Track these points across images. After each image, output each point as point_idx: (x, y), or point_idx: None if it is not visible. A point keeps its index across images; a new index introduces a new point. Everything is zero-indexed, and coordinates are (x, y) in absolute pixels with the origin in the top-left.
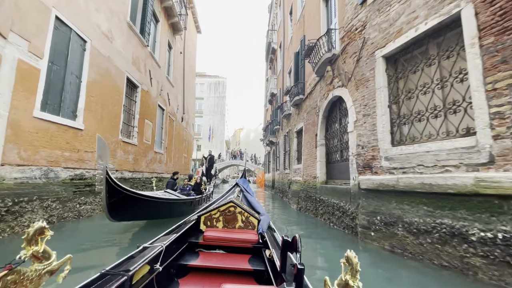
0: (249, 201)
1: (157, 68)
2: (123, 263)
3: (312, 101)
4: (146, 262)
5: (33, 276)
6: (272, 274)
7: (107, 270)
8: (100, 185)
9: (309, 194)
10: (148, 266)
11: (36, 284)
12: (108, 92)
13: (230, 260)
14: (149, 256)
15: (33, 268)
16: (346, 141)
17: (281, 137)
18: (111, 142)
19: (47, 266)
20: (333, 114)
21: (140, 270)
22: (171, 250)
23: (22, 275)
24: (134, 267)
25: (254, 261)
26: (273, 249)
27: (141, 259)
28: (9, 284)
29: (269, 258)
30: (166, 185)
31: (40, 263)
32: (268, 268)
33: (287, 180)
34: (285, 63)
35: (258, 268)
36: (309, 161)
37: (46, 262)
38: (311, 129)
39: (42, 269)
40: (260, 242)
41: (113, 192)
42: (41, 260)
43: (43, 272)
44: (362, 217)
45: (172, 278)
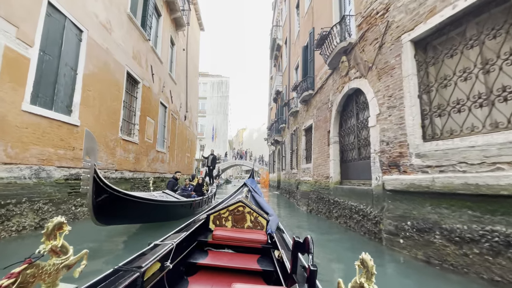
0: (258, 202)
1: (159, 64)
2: (135, 259)
3: (323, 96)
4: (157, 259)
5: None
6: (281, 275)
7: (120, 266)
8: (86, 184)
9: (321, 195)
10: (159, 263)
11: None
12: (107, 87)
13: (239, 259)
14: (160, 253)
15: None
16: (365, 138)
17: (287, 135)
18: (110, 140)
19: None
20: (349, 109)
21: (151, 267)
22: (181, 248)
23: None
24: (146, 264)
25: (263, 261)
26: (282, 250)
27: (152, 256)
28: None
29: (278, 259)
30: (166, 186)
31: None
32: (277, 268)
33: (295, 180)
34: (291, 59)
35: (267, 268)
36: (320, 160)
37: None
38: (322, 126)
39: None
40: (269, 243)
41: (101, 193)
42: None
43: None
44: (388, 222)
45: (182, 276)
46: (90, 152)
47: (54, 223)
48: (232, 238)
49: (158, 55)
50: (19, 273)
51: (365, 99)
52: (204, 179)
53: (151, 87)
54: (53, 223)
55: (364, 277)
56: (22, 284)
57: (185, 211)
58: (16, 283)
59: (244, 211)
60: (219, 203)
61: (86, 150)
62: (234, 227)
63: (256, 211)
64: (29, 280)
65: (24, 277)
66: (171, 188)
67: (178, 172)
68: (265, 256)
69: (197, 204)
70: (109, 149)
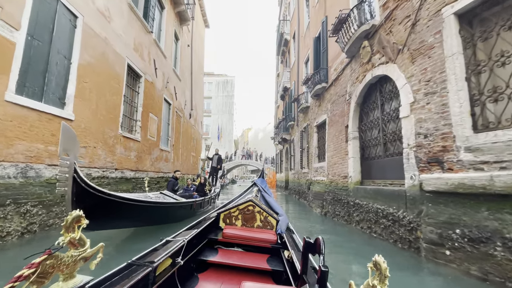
0: (267, 201)
1: (162, 59)
2: (147, 254)
3: (338, 88)
4: (168, 255)
5: (69, 261)
6: (291, 275)
7: (133, 261)
8: (63, 185)
9: (338, 196)
10: (170, 259)
11: (72, 269)
12: (105, 79)
13: (249, 258)
14: (171, 249)
15: (69, 254)
16: (393, 131)
17: (296, 133)
18: (109, 137)
19: (82, 253)
20: (371, 100)
21: (163, 262)
22: (191, 245)
23: (60, 260)
24: (158, 259)
25: (273, 261)
26: (292, 250)
27: (164, 252)
28: (48, 268)
29: (288, 259)
30: (166, 186)
31: (75, 250)
32: (287, 269)
33: (306, 180)
34: (300, 53)
35: (277, 268)
36: (337, 158)
37: (81, 249)
38: (338, 121)
39: (78, 255)
40: (278, 243)
41: (82, 196)
42: (76, 247)
43: (78, 258)
44: (429, 230)
45: (192, 273)
46: (68, 148)
47: (72, 216)
48: (242, 237)
49: (161, 49)
50: (39, 264)
51: (393, 87)
52: (207, 179)
53: (154, 82)
54: (71, 216)
55: (377, 279)
56: (41, 274)
57: (185, 212)
58: (36, 273)
59: (254, 210)
60: (229, 202)
61: (63, 146)
62: (244, 226)
63: (266, 210)
64: (48, 270)
65: (43, 267)
66: (171, 188)
67: (177, 171)
68: (274, 256)
69: (198, 205)
70: (108, 147)
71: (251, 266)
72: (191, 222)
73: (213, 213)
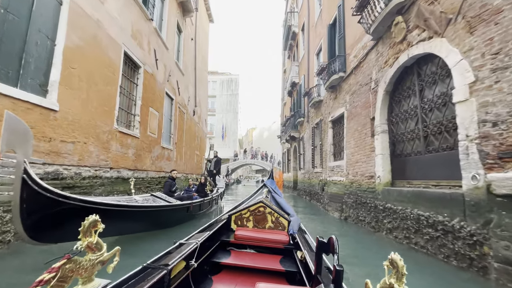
0: (278, 202)
1: (164, 50)
2: (162, 257)
3: (360, 77)
4: (182, 258)
5: (87, 265)
6: (305, 275)
7: (148, 264)
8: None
9: (361, 199)
10: (184, 262)
11: (90, 273)
12: (98, 66)
13: (262, 260)
14: (185, 252)
15: (87, 258)
16: (439, 121)
17: (306, 130)
18: (103, 132)
19: (99, 257)
20: (405, 86)
21: (177, 265)
22: (204, 247)
23: (78, 264)
24: (172, 262)
25: (286, 262)
26: (305, 250)
27: (178, 254)
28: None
29: (301, 259)
30: (163, 187)
31: (93, 254)
32: (300, 269)
33: (319, 180)
34: (311, 44)
35: (290, 269)
36: (359, 155)
37: (98, 253)
38: (360, 113)
39: (95, 259)
40: (291, 243)
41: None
42: (94, 251)
43: (96, 262)
44: (503, 245)
45: (206, 275)
46: (15, 143)
47: (89, 221)
48: (254, 238)
49: (162, 40)
50: (59, 268)
51: (437, 68)
52: (207, 178)
53: (155, 74)
54: (88, 221)
55: (394, 277)
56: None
57: (180, 216)
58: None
59: (265, 211)
60: (239, 204)
61: (8, 140)
62: (255, 228)
63: (277, 211)
64: (68, 274)
65: (63, 271)
66: (167, 190)
67: (174, 170)
68: (287, 257)
69: (196, 207)
70: (100, 143)
71: (265, 267)
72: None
73: (224, 215)
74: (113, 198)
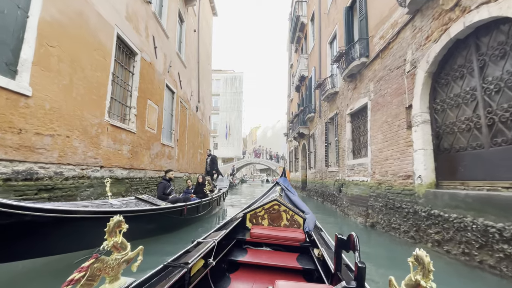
0: (292, 200)
1: (164, 38)
2: (181, 256)
3: (389, 60)
4: (201, 256)
5: (113, 264)
6: (323, 273)
7: (168, 262)
8: None
9: (395, 203)
10: (203, 260)
11: (116, 272)
12: (85, 48)
13: (279, 257)
14: (203, 251)
15: (113, 257)
16: None
17: (318, 126)
18: (91, 125)
19: (124, 256)
20: (455, 65)
21: (196, 263)
22: (221, 245)
23: (105, 263)
24: (192, 260)
25: (303, 259)
26: (322, 248)
27: (197, 253)
28: (95, 271)
29: (319, 257)
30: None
31: (118, 253)
32: (318, 267)
33: (334, 180)
34: (322, 33)
35: (308, 267)
36: (389, 151)
37: (123, 252)
38: (391, 102)
39: (121, 258)
40: (307, 241)
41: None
42: (119, 250)
43: (121, 261)
44: None
45: (224, 273)
46: None
47: (114, 221)
48: (269, 236)
49: (162, 27)
50: (88, 267)
51: (508, 37)
52: (205, 178)
53: (153, 63)
54: (113, 221)
55: (419, 274)
56: (90, 277)
57: (170, 221)
58: (85, 276)
59: (279, 209)
60: (253, 202)
61: None
62: (270, 226)
63: (292, 209)
64: (96, 273)
65: (92, 270)
66: (161, 192)
67: (170, 170)
68: (304, 254)
69: (193, 210)
70: (88, 137)
71: (282, 265)
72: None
73: (239, 213)
74: (78, 203)
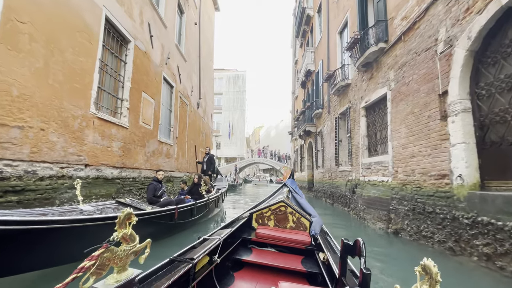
0: (299, 203)
1: (161, 27)
2: (187, 251)
3: (415, 42)
4: (206, 253)
5: (122, 255)
6: (328, 277)
7: (175, 257)
8: None
9: (425, 207)
10: (208, 257)
11: (124, 262)
12: (66, 29)
13: (283, 259)
14: (208, 247)
15: (122, 248)
16: None
17: (326, 122)
18: (72, 117)
19: (133, 247)
20: (505, 40)
21: (201, 259)
22: (226, 244)
23: (115, 253)
24: (197, 256)
25: (307, 262)
26: (328, 252)
27: (202, 249)
28: (105, 261)
29: (324, 261)
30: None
31: (127, 245)
32: (323, 271)
33: (346, 181)
34: (331, 23)
35: (312, 270)
36: (417, 146)
37: (132, 244)
38: (418, 90)
39: (129, 250)
40: (313, 244)
41: None
42: (128, 242)
43: (130, 252)
44: None
45: (228, 271)
46: None
47: (124, 214)
48: (275, 237)
49: (159, 15)
50: (98, 256)
51: None
52: (201, 177)
53: (149, 53)
54: (124, 214)
55: (426, 284)
56: (100, 266)
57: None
58: (95, 265)
59: (286, 211)
60: (260, 203)
61: None
62: (276, 227)
63: (298, 211)
64: (105, 263)
65: (101, 260)
66: (151, 194)
67: (159, 170)
68: (309, 258)
69: (186, 213)
70: (69, 131)
71: (287, 267)
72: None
73: (245, 213)
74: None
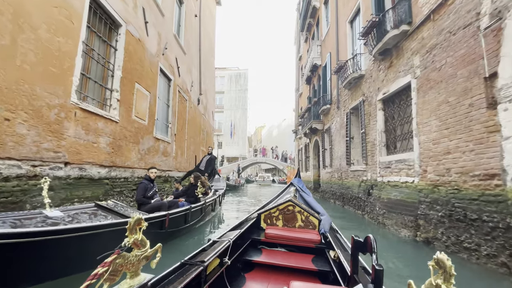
0: (307, 201)
1: (158, 14)
2: (197, 254)
3: (448, 20)
4: (216, 255)
5: (134, 260)
6: (339, 275)
7: (185, 260)
8: None
9: (467, 213)
10: (218, 259)
11: (136, 268)
12: (39, 3)
13: (294, 258)
14: (218, 249)
15: (134, 253)
16: None
17: (335, 119)
18: (48, 105)
19: (144, 253)
20: None
21: (212, 262)
22: (236, 245)
23: (127, 259)
24: (208, 259)
25: (318, 261)
26: (338, 250)
27: (213, 252)
28: (117, 267)
29: (334, 259)
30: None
31: (139, 250)
32: (334, 269)
33: (360, 181)
34: (340, 12)
35: (323, 268)
36: (454, 141)
37: (143, 249)
38: (454, 75)
39: (141, 255)
40: (322, 243)
41: None
42: (139, 247)
43: (141, 257)
44: None
45: (239, 272)
46: None
47: (134, 219)
48: (284, 237)
49: (156, 1)
50: (111, 262)
51: None
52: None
53: (143, 40)
54: (133, 219)
55: (440, 278)
56: (113, 272)
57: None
58: (108, 271)
59: (294, 210)
60: (268, 203)
61: None
62: (285, 226)
63: (307, 210)
64: (118, 269)
65: (114, 266)
66: (141, 194)
67: (152, 168)
68: (319, 256)
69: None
70: (43, 122)
71: (298, 267)
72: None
73: (253, 213)
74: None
